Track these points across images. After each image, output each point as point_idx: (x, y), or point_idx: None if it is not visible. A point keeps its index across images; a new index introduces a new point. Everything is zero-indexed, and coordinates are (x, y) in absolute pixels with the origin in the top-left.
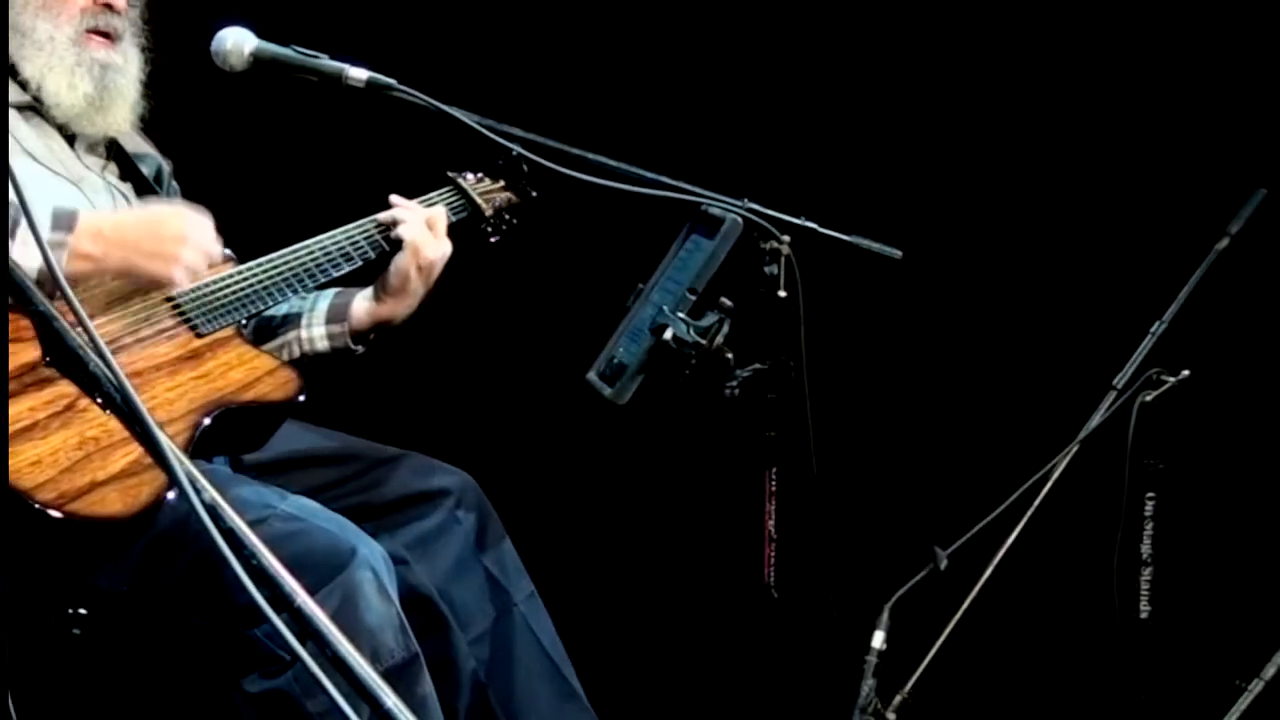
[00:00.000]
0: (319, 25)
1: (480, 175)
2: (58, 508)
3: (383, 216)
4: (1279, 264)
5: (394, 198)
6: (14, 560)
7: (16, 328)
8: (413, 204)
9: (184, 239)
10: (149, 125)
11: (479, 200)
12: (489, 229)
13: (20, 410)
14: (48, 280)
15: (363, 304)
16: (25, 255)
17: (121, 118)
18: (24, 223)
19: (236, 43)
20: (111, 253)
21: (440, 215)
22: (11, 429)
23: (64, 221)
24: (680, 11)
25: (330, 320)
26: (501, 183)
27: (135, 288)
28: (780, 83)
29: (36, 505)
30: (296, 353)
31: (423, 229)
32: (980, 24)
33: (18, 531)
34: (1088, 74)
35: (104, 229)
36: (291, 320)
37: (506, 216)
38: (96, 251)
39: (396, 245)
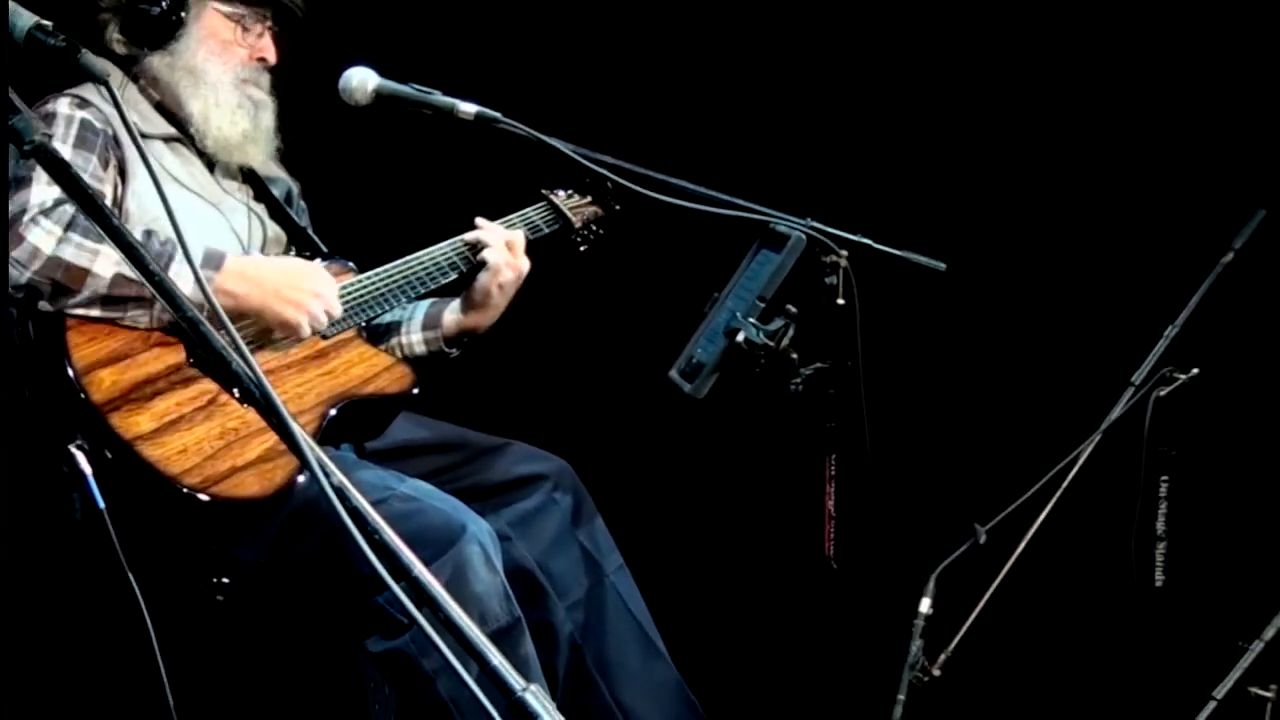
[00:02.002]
0: (433, 64)
1: (570, 191)
2: (202, 491)
3: (469, 237)
4: (1277, 276)
5: (479, 220)
6: (165, 536)
7: (163, 336)
8: (495, 225)
9: (317, 294)
10: (287, 153)
11: (569, 214)
12: (578, 240)
13: (168, 405)
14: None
15: (451, 315)
16: (179, 278)
17: (264, 150)
18: (179, 255)
19: (361, 81)
20: (252, 293)
21: (519, 238)
22: (160, 422)
23: (213, 261)
24: (755, 53)
25: (425, 327)
26: (589, 198)
27: (264, 326)
28: (839, 117)
29: (184, 489)
30: (399, 355)
31: (503, 250)
32: (1011, 58)
33: (168, 511)
34: (1113, 111)
35: (248, 272)
36: (394, 328)
37: (594, 228)
38: (239, 291)
39: (480, 264)
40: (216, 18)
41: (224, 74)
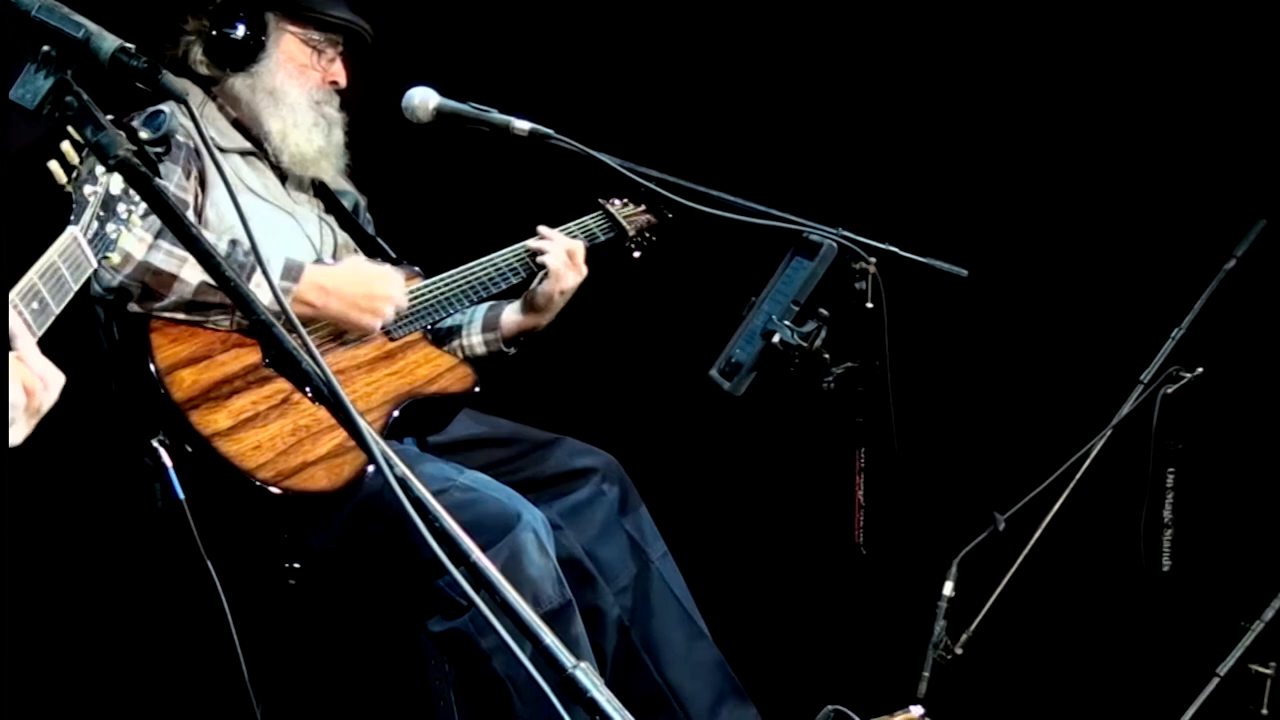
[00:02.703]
0: (490, 83)
1: (625, 201)
2: (275, 484)
3: (531, 244)
4: (1276, 281)
5: (541, 228)
6: (240, 524)
7: (240, 339)
8: (556, 233)
9: (389, 298)
10: (354, 167)
11: (623, 222)
12: (632, 246)
13: (245, 403)
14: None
15: (511, 316)
16: (259, 288)
17: (335, 165)
18: (259, 270)
19: (423, 100)
20: (330, 303)
21: (578, 247)
22: (236, 419)
23: (292, 273)
24: (793, 77)
25: (485, 329)
26: (643, 207)
27: (341, 330)
28: (868, 134)
29: (258, 483)
30: (461, 356)
31: (564, 257)
32: (1027, 79)
33: (243, 502)
34: (1124, 128)
35: (325, 283)
36: (455, 331)
37: (647, 235)
38: (317, 301)
39: (541, 269)
40: (294, 43)
41: (301, 95)
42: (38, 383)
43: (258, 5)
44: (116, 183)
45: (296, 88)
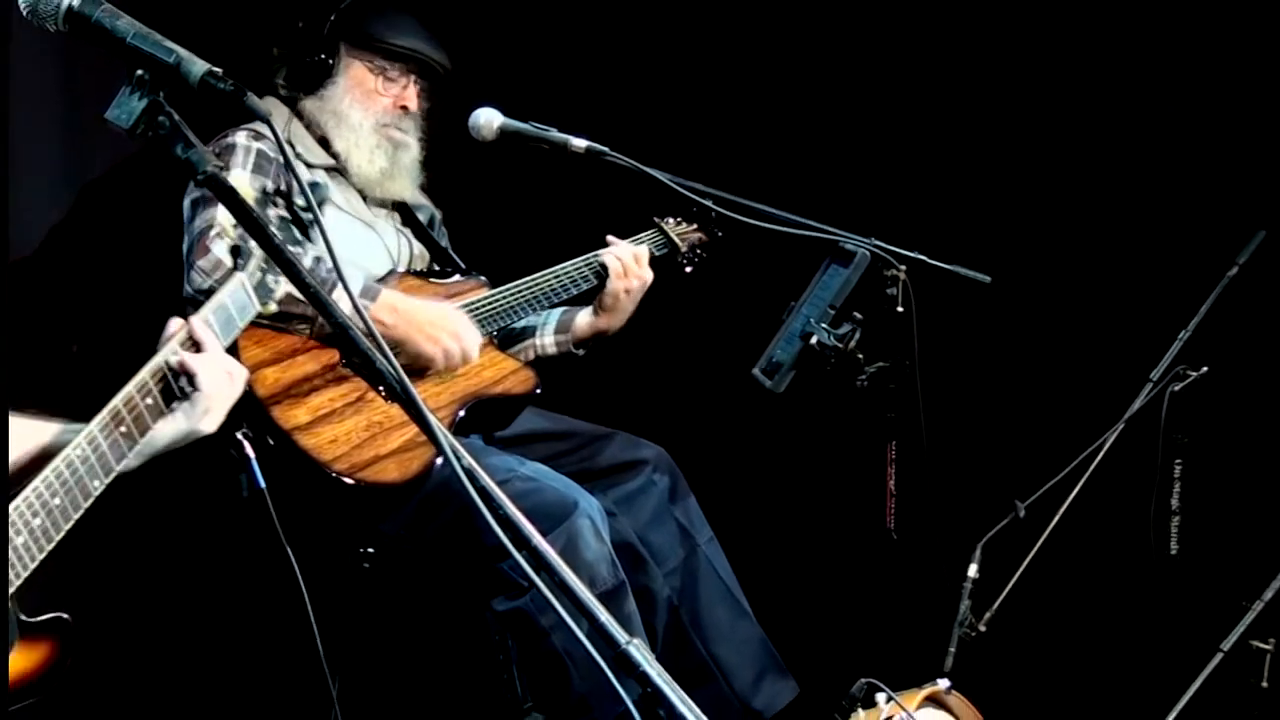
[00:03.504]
0: (551, 103)
1: (678, 219)
2: (350, 476)
3: (601, 252)
4: (1275, 287)
5: (609, 238)
6: (317, 512)
7: (318, 344)
8: (623, 243)
9: (456, 335)
10: (428, 183)
11: (676, 239)
12: (684, 262)
13: (323, 400)
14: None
15: (584, 318)
16: (340, 300)
17: (404, 186)
18: (340, 284)
19: (488, 120)
20: (399, 325)
21: (643, 252)
22: (315, 414)
23: (370, 293)
24: (833, 100)
25: (558, 331)
26: (695, 225)
27: (403, 355)
28: (901, 151)
29: (334, 474)
30: (533, 355)
31: (631, 263)
32: (1046, 100)
33: (320, 492)
34: (1135, 148)
35: (398, 307)
36: (529, 331)
37: (698, 251)
38: (388, 321)
39: (608, 275)
40: (361, 69)
41: (365, 119)
42: (225, 376)
43: (332, 34)
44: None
45: (360, 111)
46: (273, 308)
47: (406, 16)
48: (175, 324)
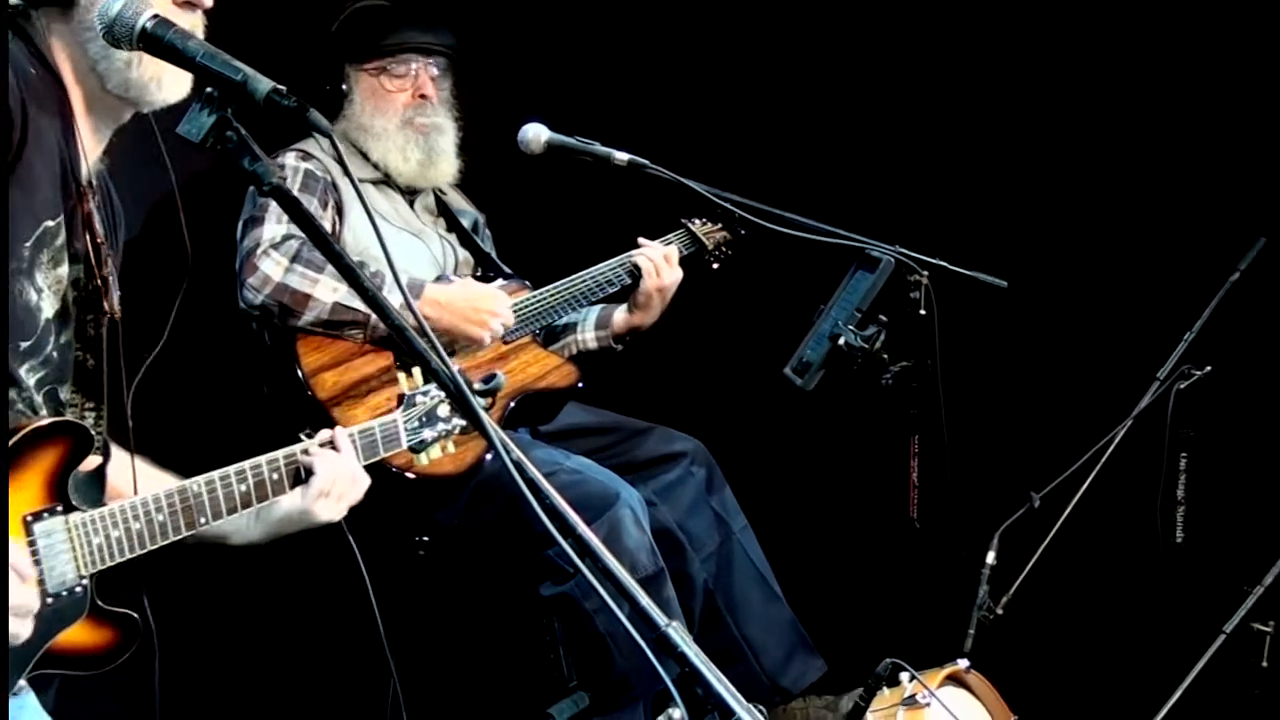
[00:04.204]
0: (594, 119)
1: (704, 220)
2: (408, 470)
3: (634, 253)
4: (1274, 292)
5: (641, 239)
6: (377, 504)
7: (373, 348)
8: (654, 243)
9: (495, 314)
10: (474, 191)
11: (703, 238)
12: (711, 260)
13: (379, 400)
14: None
15: (620, 315)
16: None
17: (446, 171)
18: (389, 282)
19: (535, 134)
20: (444, 316)
21: (673, 252)
22: (373, 414)
23: (414, 289)
24: (864, 115)
25: (598, 327)
26: (719, 225)
27: (453, 340)
28: (926, 164)
29: (393, 469)
30: (574, 351)
31: (661, 262)
32: (1062, 116)
33: (380, 485)
34: (1145, 163)
35: (440, 299)
36: (571, 328)
37: (724, 250)
38: (433, 315)
39: (641, 274)
40: (366, 79)
41: (388, 122)
42: (350, 476)
43: (332, 59)
44: (445, 407)
45: (382, 117)
46: (423, 461)
47: (392, 15)
48: (325, 433)
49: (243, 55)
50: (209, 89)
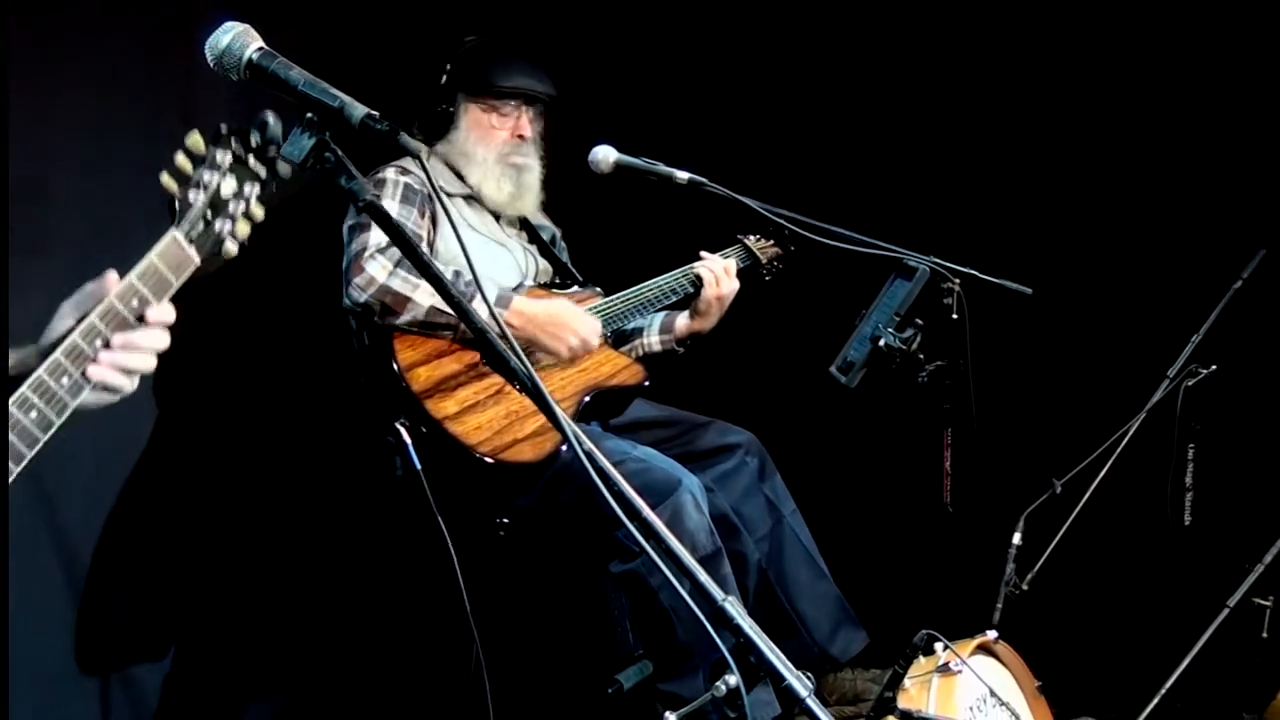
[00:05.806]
0: (658, 141)
1: (759, 236)
2: (492, 457)
3: (695, 265)
4: (1274, 298)
5: (702, 253)
6: (464, 489)
7: (462, 346)
8: (714, 256)
9: (576, 332)
10: (552, 207)
11: (758, 253)
12: (764, 273)
13: (468, 394)
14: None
15: (682, 321)
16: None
17: (530, 203)
18: (479, 295)
19: (605, 155)
20: (527, 328)
21: (731, 264)
22: (462, 406)
23: (503, 300)
24: (904, 138)
25: (662, 332)
26: (773, 241)
27: (532, 350)
28: (958, 180)
29: (478, 456)
30: (641, 352)
31: (721, 273)
32: (1077, 131)
33: (467, 471)
34: (1157, 177)
35: (526, 311)
36: (637, 332)
37: (776, 264)
38: (518, 324)
39: (702, 283)
40: (477, 111)
41: (489, 153)
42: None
43: (449, 86)
44: (229, 186)
45: (483, 148)
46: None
47: (511, 58)
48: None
49: (344, 79)
50: (309, 114)
